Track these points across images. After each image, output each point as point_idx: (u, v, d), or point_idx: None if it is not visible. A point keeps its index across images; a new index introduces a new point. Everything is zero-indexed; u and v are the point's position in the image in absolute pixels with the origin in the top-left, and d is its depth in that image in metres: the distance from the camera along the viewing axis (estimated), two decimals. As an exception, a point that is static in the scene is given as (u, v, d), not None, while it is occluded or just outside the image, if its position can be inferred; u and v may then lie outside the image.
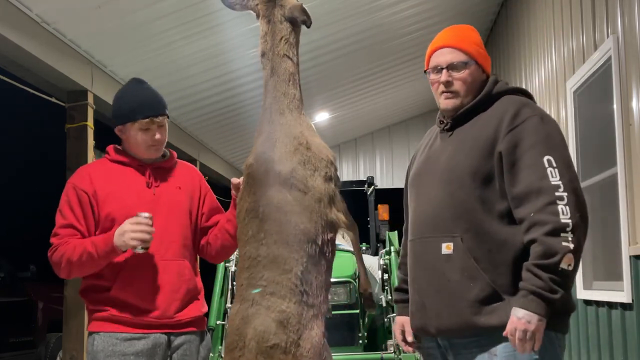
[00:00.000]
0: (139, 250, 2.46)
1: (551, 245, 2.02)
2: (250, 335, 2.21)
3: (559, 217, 2.04)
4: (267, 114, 2.44)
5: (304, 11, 2.50)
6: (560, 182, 2.08)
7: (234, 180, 2.65)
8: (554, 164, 2.10)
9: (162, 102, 2.67)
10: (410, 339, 2.45)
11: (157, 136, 2.64)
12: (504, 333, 2.06)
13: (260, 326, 2.20)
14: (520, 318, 2.02)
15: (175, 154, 2.82)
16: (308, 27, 2.52)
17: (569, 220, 2.04)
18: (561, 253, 2.02)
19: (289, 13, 2.49)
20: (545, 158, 2.11)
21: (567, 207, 2.05)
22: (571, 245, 2.03)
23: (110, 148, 2.71)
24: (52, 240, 2.58)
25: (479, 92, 2.30)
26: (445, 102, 2.31)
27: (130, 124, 2.61)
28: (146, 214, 2.47)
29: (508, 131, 2.16)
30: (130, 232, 2.43)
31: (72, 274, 2.60)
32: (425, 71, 2.38)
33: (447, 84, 2.28)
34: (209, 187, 2.81)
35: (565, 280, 2.04)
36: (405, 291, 2.51)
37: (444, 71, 2.28)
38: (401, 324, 2.48)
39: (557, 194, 2.06)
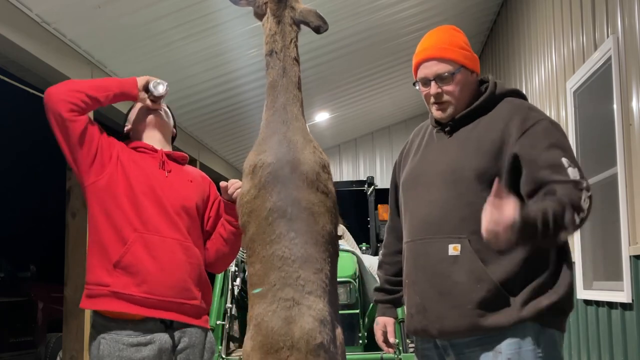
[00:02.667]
0: (158, 87, 2.63)
1: (572, 209, 2.00)
2: (297, 334, 2.18)
3: (581, 201, 2.03)
4: (280, 115, 2.42)
5: (319, 17, 2.48)
6: (582, 180, 2.09)
7: (223, 184, 2.65)
8: (572, 164, 2.11)
9: None
10: (392, 340, 2.45)
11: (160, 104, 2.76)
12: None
13: (307, 325, 2.19)
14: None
15: (187, 156, 2.84)
16: (320, 33, 2.50)
17: (586, 210, 2.04)
18: (572, 226, 2.01)
19: (301, 17, 2.47)
20: (564, 159, 2.11)
21: (589, 200, 2.05)
22: (576, 228, 2.03)
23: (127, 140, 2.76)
24: None
25: (473, 94, 2.29)
26: (438, 113, 2.30)
27: (134, 110, 2.73)
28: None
29: (521, 134, 2.15)
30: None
31: (73, 88, 2.53)
32: (414, 83, 2.36)
33: (437, 96, 2.27)
34: (219, 195, 2.80)
35: (555, 234, 2.01)
36: (389, 292, 2.50)
37: (433, 83, 2.26)
38: (383, 324, 2.47)
39: (580, 180, 2.07)
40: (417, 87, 2.34)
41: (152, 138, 2.73)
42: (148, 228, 2.51)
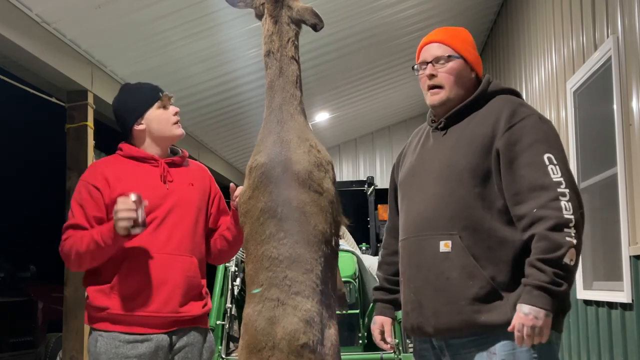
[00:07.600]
0: (135, 231, 2.42)
1: (555, 239, 2.02)
2: (280, 335, 2.20)
3: (562, 212, 2.04)
4: (275, 115, 2.42)
5: (315, 14, 2.48)
6: (561, 179, 2.08)
7: (232, 187, 2.65)
8: (555, 162, 2.11)
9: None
10: (390, 339, 2.45)
11: (177, 109, 2.73)
12: (509, 328, 2.04)
13: (290, 325, 2.20)
14: (527, 314, 2.01)
15: (186, 153, 2.83)
16: (317, 30, 2.50)
17: (572, 216, 2.04)
18: (565, 247, 2.01)
19: (298, 15, 2.47)
20: (546, 156, 2.11)
21: (570, 204, 2.06)
22: (574, 241, 2.03)
23: (122, 145, 2.71)
24: (62, 237, 2.59)
25: (468, 91, 2.30)
26: (431, 98, 2.31)
27: (153, 108, 2.66)
28: (133, 195, 2.43)
29: (507, 129, 2.16)
30: (117, 212, 2.41)
31: (83, 265, 2.57)
32: (413, 67, 2.39)
33: (431, 76, 2.29)
34: (219, 189, 2.81)
35: (569, 274, 2.03)
36: (388, 290, 2.50)
37: (429, 65, 2.30)
38: (381, 324, 2.48)
39: (559, 190, 2.07)
40: (416, 74, 2.37)
41: (162, 147, 2.72)
42: (141, 246, 2.54)
